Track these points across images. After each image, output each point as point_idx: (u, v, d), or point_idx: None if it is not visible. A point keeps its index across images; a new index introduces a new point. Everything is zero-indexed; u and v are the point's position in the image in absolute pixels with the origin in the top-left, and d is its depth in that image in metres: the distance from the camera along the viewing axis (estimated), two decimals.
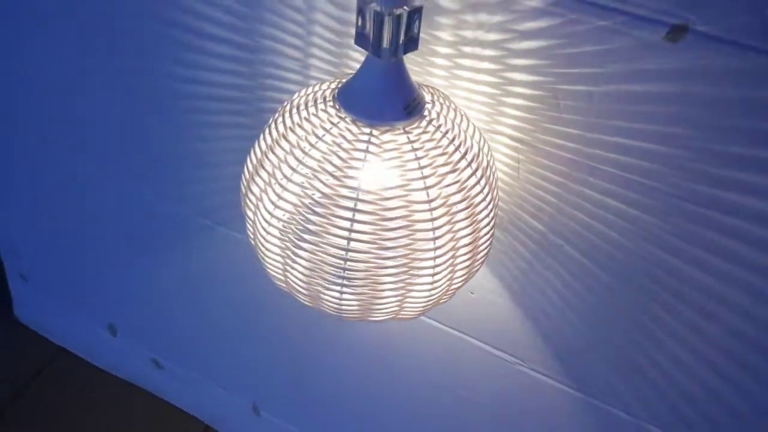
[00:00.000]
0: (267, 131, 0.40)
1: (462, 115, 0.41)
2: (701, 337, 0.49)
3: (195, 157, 0.64)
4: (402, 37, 0.34)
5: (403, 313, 0.40)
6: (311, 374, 0.77)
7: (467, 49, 0.44)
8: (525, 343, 0.58)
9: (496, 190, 0.42)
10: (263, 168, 0.38)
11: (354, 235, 0.35)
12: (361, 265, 0.37)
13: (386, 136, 0.36)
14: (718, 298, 0.46)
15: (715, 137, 0.41)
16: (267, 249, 0.39)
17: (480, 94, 0.46)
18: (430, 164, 0.36)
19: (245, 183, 0.41)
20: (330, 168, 0.35)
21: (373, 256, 0.36)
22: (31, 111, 0.73)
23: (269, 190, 0.38)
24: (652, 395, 0.54)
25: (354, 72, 0.39)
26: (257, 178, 0.39)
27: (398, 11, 0.34)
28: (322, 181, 0.36)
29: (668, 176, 0.43)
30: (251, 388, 0.86)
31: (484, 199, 0.39)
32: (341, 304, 0.39)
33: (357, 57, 0.49)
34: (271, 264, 0.40)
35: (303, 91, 0.41)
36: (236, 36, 0.52)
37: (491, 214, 0.40)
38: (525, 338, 0.57)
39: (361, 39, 0.35)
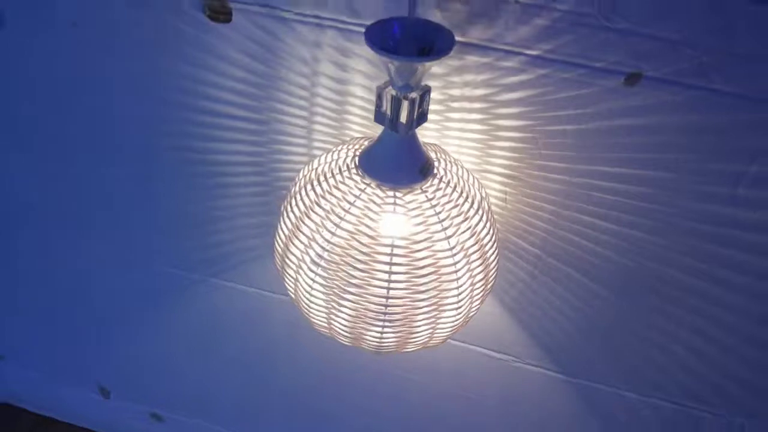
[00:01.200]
0: (297, 199, 0.45)
1: (460, 166, 0.47)
2: (670, 321, 0.57)
3: (196, 218, 0.68)
4: (414, 116, 0.41)
5: (432, 341, 0.47)
6: (318, 411, 0.82)
7: (455, 105, 0.51)
8: (519, 343, 0.65)
9: (495, 226, 0.48)
10: (300, 232, 0.44)
11: (392, 284, 0.41)
12: (398, 309, 0.43)
13: (408, 197, 0.42)
14: (689, 292, 0.54)
15: (672, 155, 0.48)
16: (311, 302, 0.45)
17: (470, 140, 0.52)
18: (447, 216, 0.42)
19: (281, 245, 0.46)
20: (365, 230, 0.41)
21: (409, 299, 0.42)
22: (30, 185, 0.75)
23: (310, 251, 0.43)
24: (627, 368, 0.62)
25: (356, 138, 0.45)
26: (295, 241, 0.44)
27: (413, 94, 0.40)
28: (359, 241, 0.41)
29: (637, 193, 0.51)
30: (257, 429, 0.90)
31: (491, 239, 0.45)
32: (381, 341, 0.45)
33: (354, 124, 0.55)
34: (315, 315, 0.45)
35: (321, 160, 0.47)
36: (242, 110, 0.58)
37: (496, 250, 0.46)
38: (519, 340, 0.64)
39: (379, 117, 0.42)
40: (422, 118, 0.42)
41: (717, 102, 0.45)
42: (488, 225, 0.45)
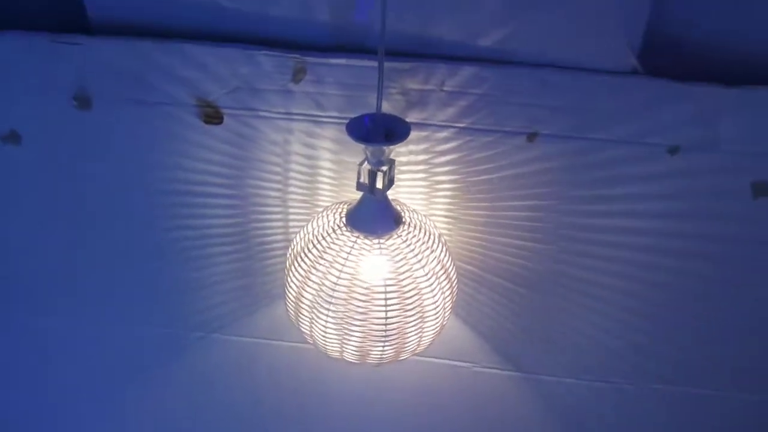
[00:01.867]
0: (301, 257, 0.58)
1: (418, 213, 0.63)
2: (580, 310, 0.75)
3: (189, 284, 0.79)
4: (386, 182, 0.56)
5: (419, 348, 0.61)
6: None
7: (404, 168, 0.67)
8: (476, 350, 0.80)
9: (450, 253, 0.64)
10: (310, 281, 0.57)
11: (389, 313, 0.56)
12: (394, 329, 0.57)
13: (389, 242, 0.57)
14: (588, 284, 0.72)
15: (558, 188, 0.66)
16: (326, 339, 0.58)
17: (418, 193, 0.68)
18: (419, 251, 0.57)
19: (293, 296, 0.59)
20: (362, 271, 0.56)
21: (401, 320, 0.57)
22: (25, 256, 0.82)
23: (320, 296, 0.57)
24: (561, 357, 0.79)
25: (334, 204, 0.60)
26: (306, 291, 0.58)
27: (384, 167, 0.55)
28: (359, 286, 0.55)
29: (537, 218, 0.68)
30: None
31: (450, 263, 0.61)
32: (383, 355, 0.59)
33: (324, 192, 0.69)
34: (330, 344, 0.59)
35: (313, 224, 0.61)
36: (229, 190, 0.70)
37: (454, 270, 0.62)
38: (475, 347, 0.80)
39: (360, 186, 0.56)
40: (391, 182, 0.57)
41: (588, 148, 0.64)
42: (447, 253, 0.60)
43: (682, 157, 0.63)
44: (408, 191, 0.68)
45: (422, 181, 0.68)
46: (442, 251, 0.60)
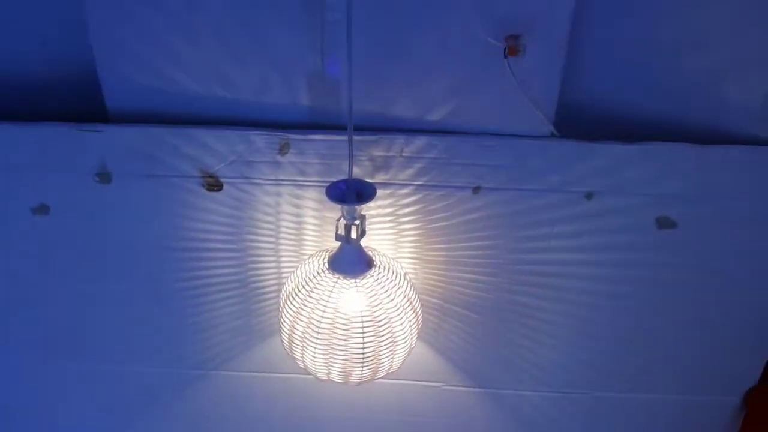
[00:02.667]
0: (293, 295, 0.72)
1: (386, 256, 0.76)
2: (540, 335, 0.88)
3: (196, 326, 0.91)
4: (359, 233, 0.70)
5: (392, 368, 0.74)
6: None
7: (375, 220, 0.81)
8: (444, 371, 0.93)
9: (414, 288, 0.77)
10: (299, 321, 0.70)
11: (365, 339, 0.69)
12: (370, 352, 0.70)
13: (363, 281, 0.71)
14: (530, 308, 0.86)
15: (502, 230, 0.81)
16: (315, 363, 0.71)
17: (386, 239, 0.82)
18: (389, 288, 0.71)
19: (287, 329, 0.72)
20: (343, 306, 0.69)
21: (375, 345, 0.70)
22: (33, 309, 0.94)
23: (309, 331, 0.69)
24: (519, 372, 0.92)
25: (318, 252, 0.73)
26: (297, 324, 0.71)
27: (357, 221, 0.69)
28: (340, 318, 0.69)
29: (484, 255, 0.82)
30: None
31: (415, 296, 0.74)
32: (362, 375, 0.71)
33: (309, 242, 0.82)
34: (319, 368, 0.71)
35: (302, 269, 0.74)
36: (229, 245, 0.83)
37: (418, 301, 0.76)
38: (443, 368, 0.93)
39: (339, 237, 0.70)
40: (363, 233, 0.71)
41: (522, 196, 0.78)
42: (411, 288, 0.74)
43: (597, 200, 0.78)
44: (379, 238, 0.82)
45: (390, 230, 0.82)
46: (407, 287, 0.73)
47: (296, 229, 0.82)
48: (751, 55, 0.74)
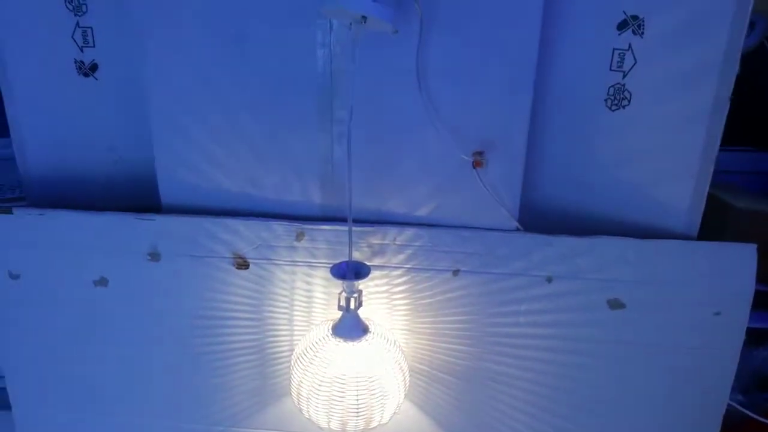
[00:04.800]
0: (303, 357, 0.88)
1: (380, 325, 0.93)
2: (513, 400, 1.02)
3: (218, 387, 1.06)
4: (357, 304, 0.87)
5: (383, 419, 0.88)
6: None
7: (372, 296, 0.98)
8: (426, 430, 1.06)
9: (403, 353, 0.93)
10: (305, 377, 0.86)
11: (359, 394, 0.84)
12: (364, 406, 0.85)
13: (359, 345, 0.87)
14: (504, 376, 1.00)
15: (477, 306, 0.96)
16: (318, 414, 0.86)
17: (381, 312, 0.98)
18: (380, 351, 0.87)
19: (295, 388, 0.88)
20: (341, 368, 0.85)
21: (368, 399, 0.85)
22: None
23: (312, 394, 0.85)
24: None
25: (323, 322, 0.90)
26: (304, 382, 0.86)
27: (355, 294, 0.86)
28: (339, 375, 0.84)
29: (463, 328, 0.98)
30: None
31: (403, 359, 0.90)
32: (356, 425, 0.86)
33: (318, 311, 0.99)
34: (321, 419, 0.86)
35: (309, 335, 0.90)
36: (251, 314, 1.00)
37: (406, 365, 0.91)
38: (431, 429, 1.06)
39: (340, 307, 0.87)
40: (360, 305, 0.88)
41: (493, 278, 0.95)
42: (400, 352, 0.90)
43: (556, 283, 0.95)
44: (375, 311, 0.98)
45: (385, 305, 0.98)
46: (396, 351, 0.89)
47: (307, 302, 0.99)
48: (676, 167, 0.92)
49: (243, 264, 0.97)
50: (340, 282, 0.86)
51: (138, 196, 1.02)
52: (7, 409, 1.08)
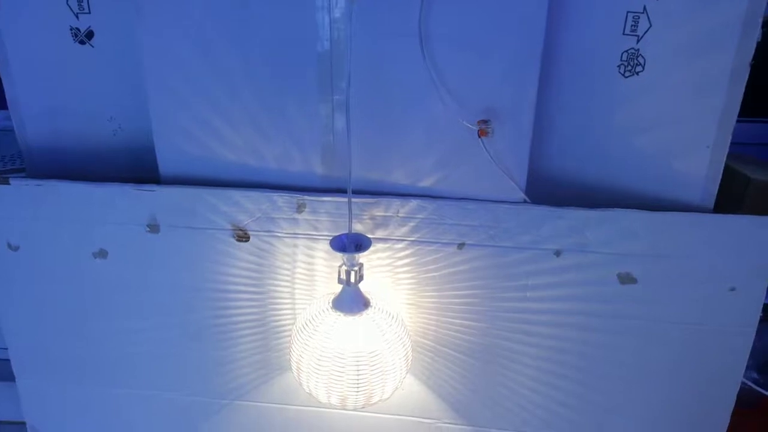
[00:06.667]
0: (304, 329, 0.86)
1: (382, 299, 0.90)
2: (521, 377, 1.00)
3: (220, 359, 1.05)
4: (358, 278, 0.84)
5: (384, 395, 0.87)
6: None
7: (375, 269, 0.95)
8: (437, 409, 1.04)
9: (406, 327, 0.91)
10: (305, 351, 0.84)
11: (360, 369, 0.82)
12: (364, 382, 0.83)
13: (360, 319, 0.85)
14: (516, 353, 0.98)
15: (484, 281, 0.94)
16: (318, 389, 0.84)
17: (384, 285, 0.96)
18: (381, 325, 0.85)
19: (295, 362, 0.86)
20: (344, 339, 0.83)
21: (368, 375, 0.83)
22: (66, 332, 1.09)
23: (312, 368, 0.83)
24: (505, 412, 1.03)
25: (324, 295, 0.88)
26: (304, 357, 0.85)
27: (355, 268, 0.84)
28: (339, 350, 0.82)
29: (471, 303, 0.96)
30: None
31: (406, 334, 0.88)
32: (356, 401, 0.84)
33: (320, 285, 0.97)
34: (321, 394, 0.85)
35: (310, 309, 0.89)
36: (253, 288, 0.99)
37: (408, 339, 0.89)
38: (437, 406, 1.04)
39: (340, 280, 0.85)
40: (361, 278, 0.86)
41: (500, 252, 0.92)
42: (402, 326, 0.88)
43: (565, 257, 0.92)
44: (379, 284, 0.96)
45: (389, 278, 0.96)
46: (398, 326, 0.87)
47: (309, 275, 0.97)
48: (692, 137, 0.88)
49: (243, 236, 0.95)
50: (340, 254, 0.84)
51: (139, 168, 1.00)
52: (12, 381, 1.08)
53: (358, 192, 0.91)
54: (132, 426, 1.12)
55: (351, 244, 0.84)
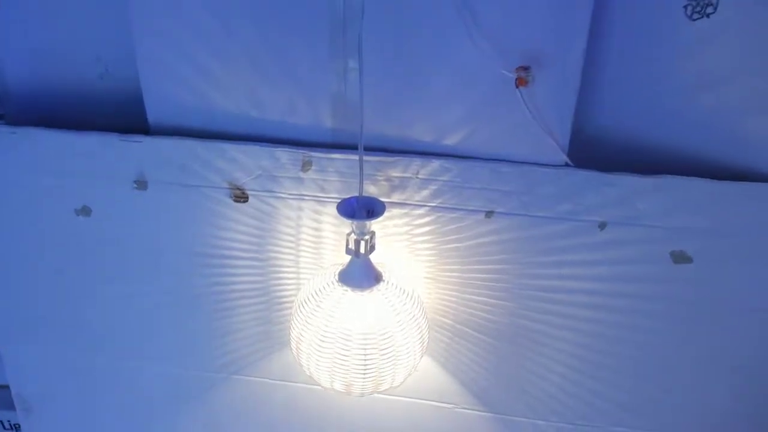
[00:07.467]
0: (304, 304, 0.75)
1: (396, 273, 0.79)
2: (543, 358, 0.89)
3: (218, 330, 0.96)
4: (368, 248, 0.73)
5: (394, 382, 0.76)
6: None
7: (390, 238, 0.84)
8: (455, 393, 0.94)
9: (423, 307, 0.79)
10: (306, 329, 0.74)
11: (367, 353, 0.71)
12: (373, 367, 0.72)
13: (370, 296, 0.73)
14: (546, 336, 0.87)
15: (512, 254, 0.82)
16: (319, 372, 0.74)
17: (401, 257, 0.85)
18: (395, 304, 0.74)
19: (295, 340, 0.76)
20: (347, 322, 0.72)
21: (378, 359, 0.72)
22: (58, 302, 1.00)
23: (313, 349, 0.73)
24: (532, 400, 0.92)
25: (331, 266, 0.76)
26: (304, 335, 0.74)
27: (366, 237, 0.72)
28: (345, 329, 0.72)
29: (497, 279, 0.84)
30: None
31: (421, 314, 0.77)
32: (363, 388, 0.74)
33: (327, 254, 0.86)
34: (322, 378, 0.74)
35: (314, 281, 0.78)
36: (253, 254, 0.88)
37: (425, 320, 0.78)
38: (455, 390, 0.94)
39: (348, 251, 0.73)
40: (372, 249, 0.74)
41: (534, 223, 0.80)
42: (418, 305, 0.76)
43: (610, 230, 0.79)
44: (394, 255, 0.85)
45: (405, 248, 0.85)
46: (413, 305, 0.76)
47: (315, 243, 0.86)
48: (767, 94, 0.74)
49: (241, 196, 0.84)
50: (349, 221, 0.73)
51: (128, 115, 0.89)
52: None
53: (373, 149, 0.79)
54: (117, 395, 1.04)
55: (362, 209, 0.73)
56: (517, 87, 0.72)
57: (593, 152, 0.79)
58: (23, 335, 1.00)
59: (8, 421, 1.16)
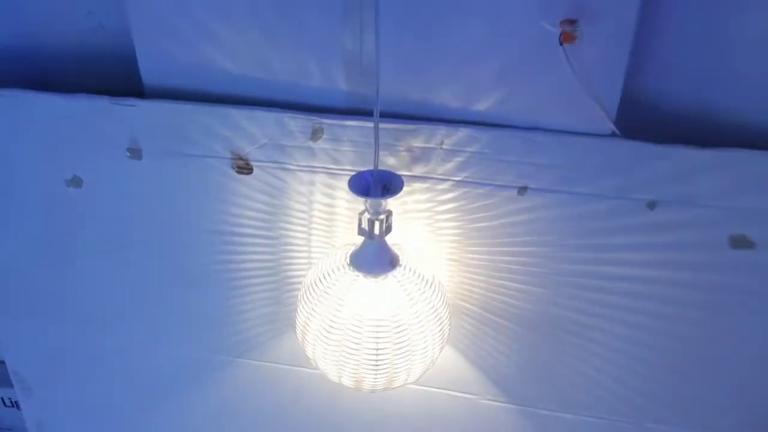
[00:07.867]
0: (311, 289, 0.67)
1: (415, 257, 0.70)
2: (576, 349, 0.80)
3: (227, 309, 0.88)
4: (384, 229, 0.64)
5: (409, 380, 0.68)
6: None
7: (410, 215, 0.75)
8: (478, 383, 0.86)
9: (444, 294, 0.71)
10: (313, 316, 0.66)
11: (380, 345, 0.63)
12: (385, 360, 0.64)
13: (385, 282, 0.65)
14: (580, 326, 0.78)
15: (549, 236, 0.73)
16: (326, 364, 0.66)
17: (422, 237, 0.76)
18: (412, 292, 0.65)
19: (302, 323, 0.68)
20: (359, 307, 0.64)
21: (392, 353, 0.64)
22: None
23: (321, 328, 0.65)
24: (559, 393, 0.84)
25: (343, 246, 0.68)
26: (311, 322, 0.66)
27: (381, 216, 0.64)
28: (355, 319, 0.64)
29: (530, 262, 0.75)
30: None
31: (442, 303, 0.68)
32: (375, 384, 0.66)
33: (340, 233, 0.78)
34: (329, 371, 0.67)
35: (324, 262, 0.69)
36: (261, 231, 0.80)
37: (447, 310, 0.69)
38: (478, 380, 0.86)
39: (361, 231, 0.65)
40: (389, 229, 0.65)
41: (573, 201, 0.70)
42: (439, 294, 0.68)
43: (661, 211, 0.69)
44: (414, 235, 0.76)
45: (427, 227, 0.76)
46: (433, 294, 0.67)
47: (328, 220, 0.78)
48: None
49: (245, 167, 0.75)
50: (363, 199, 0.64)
51: (123, 77, 0.80)
52: None
53: (391, 115, 0.70)
54: (115, 374, 0.98)
55: (377, 185, 0.64)
56: (560, 43, 0.61)
57: (644, 121, 0.68)
58: (18, 309, 0.94)
59: (9, 398, 1.12)
